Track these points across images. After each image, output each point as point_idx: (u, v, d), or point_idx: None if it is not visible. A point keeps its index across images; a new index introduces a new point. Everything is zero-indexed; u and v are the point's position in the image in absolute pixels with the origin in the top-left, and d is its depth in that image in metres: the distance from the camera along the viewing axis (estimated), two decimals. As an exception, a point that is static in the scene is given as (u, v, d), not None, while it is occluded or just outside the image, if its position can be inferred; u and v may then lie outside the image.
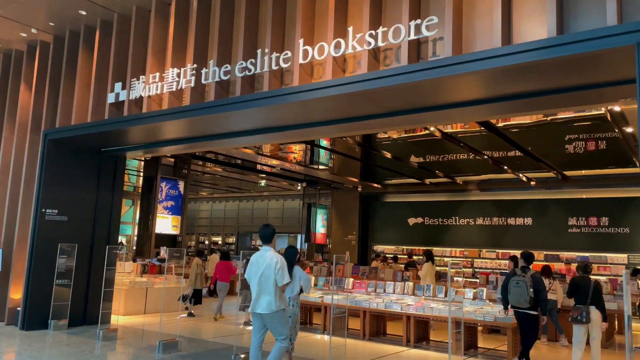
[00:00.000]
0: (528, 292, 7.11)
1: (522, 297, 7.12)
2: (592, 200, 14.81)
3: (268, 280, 5.49)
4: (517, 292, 7.19)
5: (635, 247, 14.00)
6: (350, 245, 18.47)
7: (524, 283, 7.17)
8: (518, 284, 7.24)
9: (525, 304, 7.14)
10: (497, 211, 16.23)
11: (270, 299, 5.48)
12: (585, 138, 13.54)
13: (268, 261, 5.54)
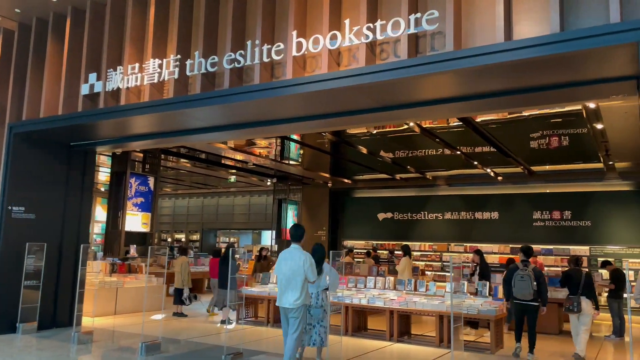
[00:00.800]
0: (532, 286, 7.61)
1: (526, 290, 7.62)
2: (556, 195, 15.32)
3: (296, 277, 5.86)
4: (522, 285, 7.67)
5: (596, 239, 14.59)
6: (320, 240, 18.41)
7: (528, 277, 7.66)
8: (523, 278, 7.71)
9: (529, 296, 7.64)
10: (465, 206, 16.55)
11: (296, 295, 5.86)
12: (551, 134, 13.98)
13: (297, 259, 5.94)
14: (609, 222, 14.47)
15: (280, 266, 6.07)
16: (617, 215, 14.38)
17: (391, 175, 16.27)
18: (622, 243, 14.22)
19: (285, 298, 5.95)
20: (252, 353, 7.29)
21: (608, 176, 14.32)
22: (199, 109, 6.90)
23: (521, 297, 7.74)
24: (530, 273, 7.71)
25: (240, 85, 6.80)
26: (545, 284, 7.96)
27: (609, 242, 14.43)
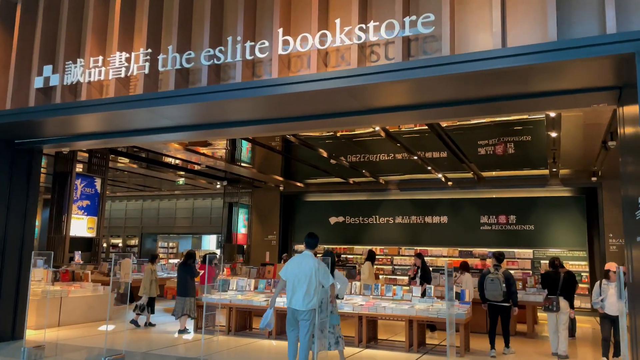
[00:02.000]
0: (501, 287, 8.18)
1: (496, 292, 8.20)
2: (502, 200, 15.95)
3: (307, 281, 6.06)
4: (492, 287, 8.26)
5: (539, 243, 15.32)
6: (271, 245, 18.12)
7: (498, 280, 8.25)
8: (492, 280, 8.30)
9: (499, 297, 8.20)
10: (416, 210, 16.87)
11: (309, 298, 6.08)
12: (506, 141, 14.52)
13: (311, 264, 6.15)
14: (550, 226, 15.25)
15: (289, 269, 6.27)
16: (558, 220, 15.18)
17: (345, 179, 16.27)
18: (563, 246, 15.02)
19: (296, 300, 6.13)
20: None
21: (551, 182, 15.08)
22: (172, 107, 6.49)
23: (493, 299, 8.27)
24: (500, 276, 8.24)
25: (218, 83, 6.47)
26: (515, 286, 8.38)
27: (550, 246, 15.20)
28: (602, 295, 7.36)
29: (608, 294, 7.26)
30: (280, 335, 9.51)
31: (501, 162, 13.40)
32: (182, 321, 9.86)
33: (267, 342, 9.09)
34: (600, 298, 7.39)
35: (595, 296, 7.52)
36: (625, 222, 5.15)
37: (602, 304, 7.38)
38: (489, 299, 8.31)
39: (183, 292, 9.81)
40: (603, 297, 7.34)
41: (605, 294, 7.32)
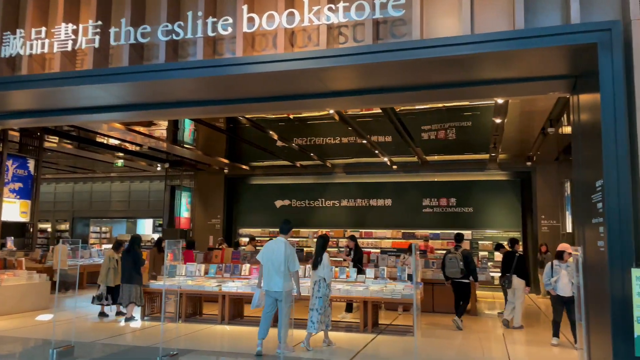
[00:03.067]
0: (459, 265, 9.00)
1: (455, 270, 9.04)
2: (443, 183, 16.50)
3: (281, 265, 6.52)
4: (451, 265, 9.11)
5: (477, 224, 16.02)
6: (215, 229, 17.77)
7: (456, 258, 9.10)
8: (451, 259, 9.15)
9: (458, 274, 9.00)
10: (361, 193, 17.09)
11: (285, 280, 6.59)
12: (452, 126, 14.92)
13: (282, 249, 6.54)
14: (488, 208, 15.97)
15: (266, 254, 6.74)
16: (495, 202, 15.92)
17: (292, 162, 16.17)
18: (499, 227, 15.79)
19: (274, 283, 6.68)
20: (184, 352, 6.73)
21: (489, 167, 15.76)
22: (125, 84, 6.11)
23: (452, 276, 9.07)
24: (458, 255, 9.07)
25: (176, 60, 6.16)
26: (473, 264, 9.16)
27: (488, 227, 15.94)
28: (554, 276, 7.46)
29: (560, 275, 7.39)
30: (233, 320, 9.39)
31: (445, 147, 13.81)
32: (129, 310, 9.48)
33: (221, 328, 8.93)
34: (554, 279, 7.46)
35: (547, 278, 7.58)
36: (578, 204, 5.44)
37: (555, 285, 7.44)
38: (449, 276, 9.12)
39: (129, 279, 9.39)
40: (556, 278, 7.43)
41: (557, 275, 7.40)
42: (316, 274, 7.31)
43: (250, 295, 9.17)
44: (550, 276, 7.50)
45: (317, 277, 7.31)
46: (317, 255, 7.39)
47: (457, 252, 9.16)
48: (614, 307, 4.31)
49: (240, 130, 16.10)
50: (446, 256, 9.26)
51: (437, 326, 9.22)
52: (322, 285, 7.29)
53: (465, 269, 8.95)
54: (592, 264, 4.86)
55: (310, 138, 16.12)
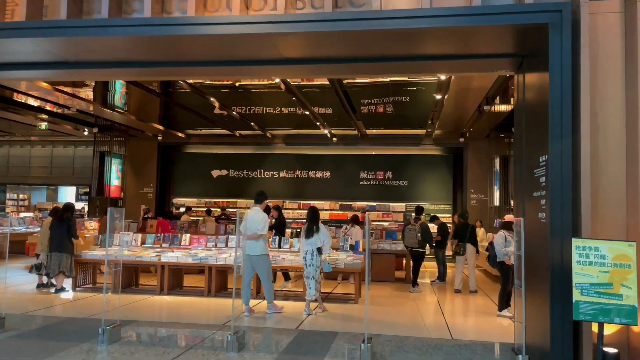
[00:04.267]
0: (417, 236, 9.90)
1: (412, 240, 9.95)
2: (381, 157, 16.83)
3: (253, 230, 7.35)
4: (409, 236, 10.02)
5: (411, 197, 16.55)
6: (147, 198, 17.15)
7: (414, 230, 9.99)
8: (410, 231, 10.04)
9: (415, 244, 9.93)
10: (300, 165, 17.09)
11: (255, 244, 7.38)
12: (389, 101, 15.13)
13: (255, 217, 7.46)
14: (421, 182, 16.53)
15: (243, 223, 7.37)
16: (428, 176, 16.50)
17: (231, 131, 15.82)
18: (431, 200, 16.40)
19: (250, 248, 7.38)
20: (126, 322, 6.50)
21: (425, 142, 16.25)
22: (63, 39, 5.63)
23: (410, 245, 10.00)
24: (417, 227, 10.00)
25: (120, 15, 5.75)
26: (429, 235, 10.15)
27: (421, 200, 16.50)
28: (507, 246, 7.50)
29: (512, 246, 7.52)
30: (173, 291, 9.18)
31: (385, 121, 14.00)
32: (59, 280, 9.00)
33: (160, 298, 8.70)
34: (510, 249, 7.43)
35: (501, 248, 7.58)
36: (520, 178, 5.73)
37: (511, 255, 7.39)
38: (407, 245, 10.09)
39: (58, 248, 8.88)
40: (511, 249, 7.51)
41: (510, 245, 7.47)
42: (308, 243, 7.64)
43: (191, 265, 9.02)
44: (504, 247, 7.59)
45: (310, 247, 7.64)
46: (312, 224, 7.68)
47: (416, 224, 10.09)
48: (554, 274, 4.62)
49: (176, 96, 15.47)
50: (406, 227, 10.17)
51: (378, 295, 9.50)
52: (315, 255, 7.64)
53: (422, 240, 9.84)
54: (531, 235, 5.16)
55: (252, 107, 15.81)
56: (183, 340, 6.05)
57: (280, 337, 6.19)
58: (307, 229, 7.72)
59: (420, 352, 5.57)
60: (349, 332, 6.45)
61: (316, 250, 7.66)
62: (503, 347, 5.87)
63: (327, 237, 7.79)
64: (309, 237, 7.66)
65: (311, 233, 7.67)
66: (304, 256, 7.70)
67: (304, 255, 7.70)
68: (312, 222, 7.72)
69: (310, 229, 7.69)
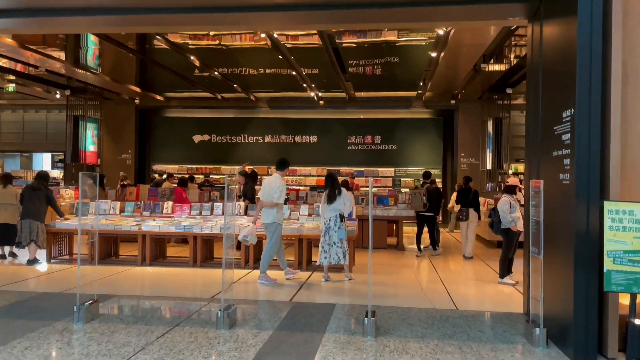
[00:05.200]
0: (422, 200, 9.77)
1: (418, 204, 9.83)
2: (369, 121, 16.29)
3: (269, 198, 7.12)
4: (415, 200, 9.91)
5: (400, 162, 16.13)
6: (126, 165, 16.43)
7: (419, 194, 9.82)
8: (415, 194, 9.91)
9: (420, 208, 9.79)
10: (285, 129, 16.47)
11: (269, 212, 7.13)
12: (380, 61, 14.46)
13: (273, 184, 7.18)
14: (411, 146, 16.07)
15: (261, 189, 7.26)
16: (418, 140, 16.04)
17: (212, 94, 15.05)
18: (421, 165, 16.01)
19: (263, 215, 7.18)
20: (104, 297, 5.97)
21: (415, 104, 15.73)
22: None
23: (416, 209, 9.91)
24: (422, 191, 9.90)
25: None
26: (436, 199, 9.92)
27: (410, 164, 16.11)
28: (513, 212, 7.11)
29: (517, 211, 7.14)
30: (155, 262, 8.66)
31: (375, 83, 13.40)
32: (31, 250, 8.40)
33: (141, 269, 8.18)
34: (518, 216, 7.10)
35: (507, 215, 7.12)
36: (534, 138, 5.25)
37: (518, 222, 7.10)
38: (414, 209, 10.01)
39: (29, 214, 8.26)
40: (517, 214, 7.10)
41: (515, 210, 7.10)
42: (331, 209, 7.31)
43: (174, 234, 8.47)
44: (509, 213, 7.13)
45: (334, 213, 7.30)
46: (334, 189, 7.36)
47: (422, 188, 10.07)
48: (578, 241, 4.20)
49: (154, 54, 14.55)
50: (412, 192, 10.12)
51: (373, 263, 9.08)
52: (339, 220, 7.30)
53: (428, 204, 9.72)
54: (550, 198, 4.72)
55: (234, 68, 14.99)
56: (168, 316, 5.56)
57: (274, 310, 5.74)
58: (328, 195, 7.38)
59: (426, 324, 5.17)
60: (346, 304, 6.04)
61: (339, 216, 7.33)
62: (513, 318, 5.51)
63: (349, 200, 7.54)
64: (331, 203, 7.33)
65: (333, 198, 7.33)
66: (327, 223, 7.33)
67: (327, 222, 7.33)
68: (333, 187, 7.40)
69: (332, 194, 7.35)
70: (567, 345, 4.34)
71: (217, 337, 4.65)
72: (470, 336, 4.81)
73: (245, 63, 14.35)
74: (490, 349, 4.44)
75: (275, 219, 7.15)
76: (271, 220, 7.15)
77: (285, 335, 4.73)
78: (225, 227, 5.29)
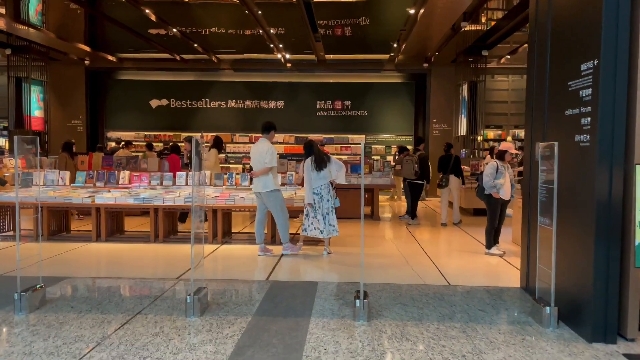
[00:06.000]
0: (414, 167, 9.49)
1: (409, 171, 9.59)
2: (338, 85, 15.56)
3: (261, 164, 6.54)
4: (406, 167, 9.62)
5: (371, 128, 15.55)
6: (77, 132, 15.21)
7: (412, 161, 9.58)
8: (407, 162, 9.62)
9: (412, 176, 9.59)
10: (250, 94, 15.56)
11: (265, 180, 6.57)
12: (344, 23, 13.66)
13: (261, 149, 6.60)
14: (382, 112, 15.49)
15: (251, 158, 6.70)
16: (389, 106, 15.46)
17: (171, 55, 13.93)
18: (392, 131, 15.50)
19: (258, 184, 6.61)
20: (52, 281, 5.19)
21: (386, 68, 15.07)
22: None
23: (407, 177, 9.67)
24: (414, 158, 9.61)
25: None
26: (427, 167, 9.79)
27: (381, 131, 15.56)
28: (498, 178, 6.67)
29: (505, 178, 6.68)
30: (112, 237, 7.86)
31: (346, 44, 12.63)
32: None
33: (96, 246, 7.36)
34: (501, 181, 6.67)
35: (490, 179, 6.70)
36: (541, 97, 4.72)
37: (501, 189, 6.69)
38: (404, 176, 9.74)
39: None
40: (503, 180, 6.67)
41: (502, 177, 6.64)
42: (321, 177, 6.73)
43: (132, 206, 7.66)
44: (494, 178, 6.69)
45: (325, 181, 6.75)
46: (321, 155, 6.78)
47: (414, 155, 9.80)
48: (600, 211, 3.73)
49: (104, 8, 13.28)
50: (404, 159, 9.74)
51: (350, 234, 8.59)
52: (331, 188, 6.82)
53: (420, 171, 9.50)
54: (562, 163, 4.23)
55: (195, 27, 13.88)
56: (128, 301, 4.85)
57: (250, 291, 5.11)
58: (317, 162, 6.73)
59: (421, 304, 4.67)
60: (329, 282, 5.48)
61: (329, 184, 6.81)
62: (511, 294, 5.09)
63: (340, 166, 6.90)
64: (321, 170, 6.73)
65: (323, 165, 6.74)
66: (319, 192, 6.75)
67: (319, 192, 6.75)
68: (320, 152, 6.84)
69: (321, 161, 6.75)
70: (581, 325, 3.91)
71: (187, 326, 4.00)
72: (471, 316, 4.34)
73: (207, 20, 13.28)
74: (497, 332, 3.97)
75: (273, 186, 6.57)
76: (270, 189, 6.55)
77: (267, 322, 4.12)
78: (194, 197, 4.57)
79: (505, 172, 6.70)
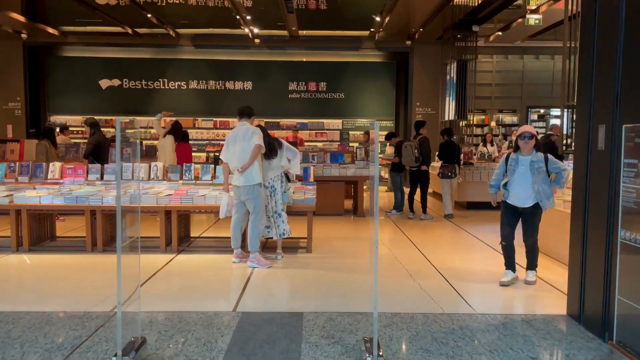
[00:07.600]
0: (414, 153, 8.52)
1: (409, 158, 8.57)
2: (313, 64, 14.12)
3: (245, 152, 5.37)
4: (406, 153, 8.58)
5: (348, 112, 14.20)
6: (14, 116, 13.36)
7: (411, 146, 8.58)
8: (406, 147, 8.60)
9: (412, 162, 8.64)
10: (215, 73, 13.94)
11: (249, 170, 5.39)
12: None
13: (244, 131, 5.46)
14: (361, 94, 14.15)
15: (227, 148, 5.53)
16: (368, 88, 14.12)
17: (122, 28, 12.19)
18: (372, 116, 14.18)
19: (237, 176, 5.46)
20: None
21: (365, 45, 13.74)
22: None
23: (407, 164, 8.71)
24: (414, 143, 8.65)
25: None
26: (426, 150, 8.72)
27: (360, 115, 14.25)
28: (508, 176, 4.82)
29: (517, 175, 4.74)
30: (37, 246, 6.29)
31: (322, 19, 11.22)
32: None
33: (17, 258, 5.81)
34: (505, 181, 4.85)
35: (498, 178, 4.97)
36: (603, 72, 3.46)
37: (506, 191, 4.85)
38: (404, 164, 8.78)
39: None
40: (509, 179, 4.80)
41: (512, 175, 4.77)
42: (274, 167, 5.74)
43: (62, 207, 6.10)
44: (502, 176, 4.90)
45: (278, 171, 5.77)
46: (272, 141, 5.73)
47: (414, 140, 8.80)
48: None
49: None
50: (402, 144, 8.76)
51: (334, 237, 7.26)
52: (284, 180, 5.88)
53: (421, 157, 8.59)
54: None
55: (147, -4, 12.16)
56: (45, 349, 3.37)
57: (212, 333, 3.69)
58: (268, 148, 5.62)
59: (447, 347, 3.38)
60: (318, 312, 4.11)
61: (282, 175, 5.84)
62: (561, 325, 3.86)
63: (294, 153, 5.84)
64: (271, 158, 5.72)
65: (274, 153, 5.72)
66: (272, 184, 5.75)
67: (272, 184, 5.75)
68: (269, 137, 5.76)
69: (272, 148, 5.69)
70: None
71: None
72: (525, 371, 3.07)
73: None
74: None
75: (256, 179, 5.44)
76: (258, 181, 5.44)
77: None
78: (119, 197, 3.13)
79: (518, 168, 4.76)
